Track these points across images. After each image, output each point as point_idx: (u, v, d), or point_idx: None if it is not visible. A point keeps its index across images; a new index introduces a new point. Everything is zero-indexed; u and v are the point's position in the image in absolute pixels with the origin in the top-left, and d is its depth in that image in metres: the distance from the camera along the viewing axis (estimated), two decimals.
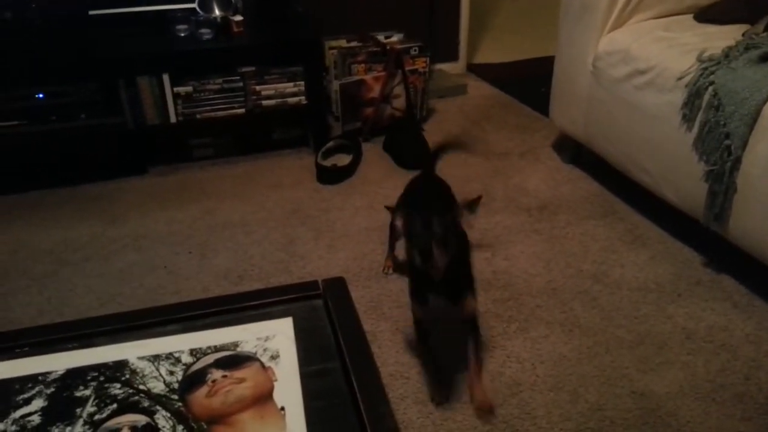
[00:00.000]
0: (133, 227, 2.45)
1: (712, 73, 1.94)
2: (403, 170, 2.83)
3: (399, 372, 1.75)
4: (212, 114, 2.77)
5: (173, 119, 2.74)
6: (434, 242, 1.37)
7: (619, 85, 2.31)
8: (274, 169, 2.84)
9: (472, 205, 1.49)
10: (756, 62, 1.88)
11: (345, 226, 2.43)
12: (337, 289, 0.95)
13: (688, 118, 2.01)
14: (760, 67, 1.86)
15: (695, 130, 1.99)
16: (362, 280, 2.12)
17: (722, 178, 1.89)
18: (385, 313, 1.97)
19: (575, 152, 2.80)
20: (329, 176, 2.73)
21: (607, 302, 1.96)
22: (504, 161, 2.88)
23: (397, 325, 1.91)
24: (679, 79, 2.03)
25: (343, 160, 2.84)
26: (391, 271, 2.13)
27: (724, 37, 2.09)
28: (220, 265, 2.20)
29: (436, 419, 1.60)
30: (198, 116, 2.76)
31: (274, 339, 0.86)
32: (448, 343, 1.75)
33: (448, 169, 2.81)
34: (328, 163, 2.81)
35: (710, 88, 1.93)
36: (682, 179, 2.07)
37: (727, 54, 1.97)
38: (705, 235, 2.06)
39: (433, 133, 3.11)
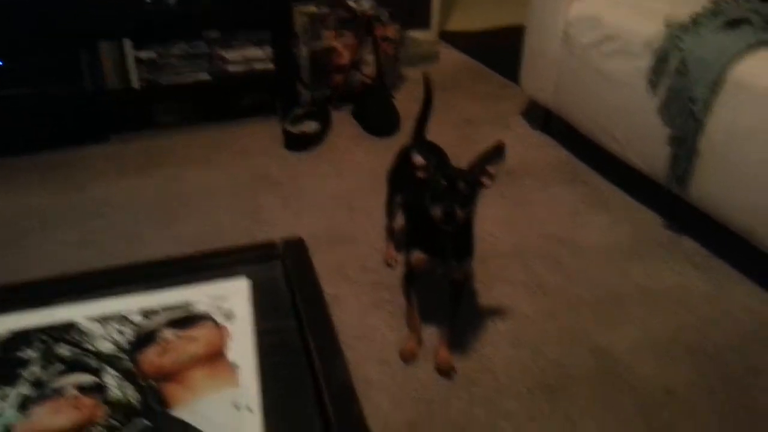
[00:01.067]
0: (95, 195, 2.40)
1: (680, 39, 1.95)
2: (373, 138, 2.82)
3: (363, 334, 1.76)
4: (176, 80, 2.71)
5: (135, 85, 2.68)
6: (459, 204, 1.37)
7: (588, 52, 2.31)
8: (240, 136, 2.80)
9: (493, 155, 1.42)
10: (722, 28, 1.89)
11: (313, 193, 2.41)
12: (295, 249, 0.95)
13: (654, 84, 2.03)
14: (726, 34, 1.87)
15: (661, 95, 2.01)
16: (328, 245, 2.12)
17: (686, 142, 1.92)
18: (351, 277, 1.98)
19: (545, 119, 2.81)
20: (297, 143, 2.70)
21: (570, 264, 2.00)
22: (474, 128, 2.88)
23: (362, 289, 1.92)
24: (647, 45, 2.04)
25: (312, 127, 2.81)
26: (395, 262, 2.00)
27: (692, 3, 2.09)
28: (184, 232, 2.17)
29: (398, 378, 1.62)
30: (162, 82, 2.70)
31: (229, 299, 0.86)
32: (428, 301, 1.74)
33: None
34: (296, 130, 2.78)
35: (677, 54, 1.94)
36: (648, 144, 2.10)
37: (695, 20, 1.98)
38: (667, 199, 2.10)
39: (403, 100, 3.08)
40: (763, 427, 1.46)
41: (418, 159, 1.48)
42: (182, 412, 0.71)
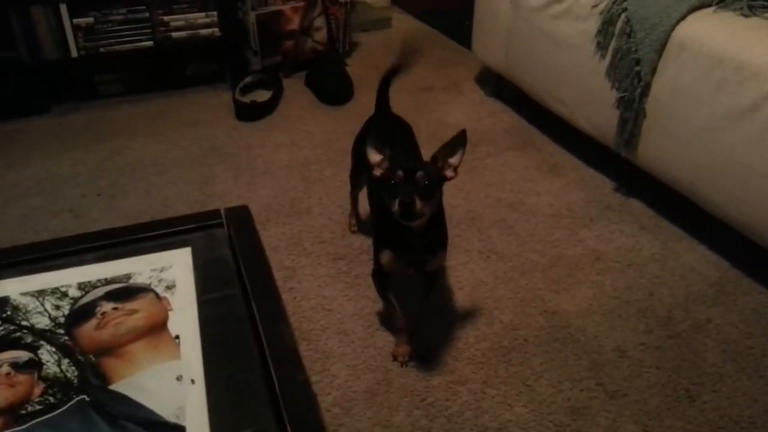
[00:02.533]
0: (35, 170, 2.29)
1: (625, 0, 1.96)
2: (326, 106, 2.77)
3: (320, 305, 1.75)
4: (118, 47, 2.60)
5: (74, 53, 2.56)
6: (418, 196, 1.27)
7: (537, 15, 2.30)
8: (188, 106, 2.71)
9: (455, 145, 1.36)
10: None
11: (265, 163, 2.36)
12: (240, 217, 0.92)
13: (601, 46, 2.04)
14: None
15: (608, 57, 2.02)
16: (283, 217, 2.08)
17: (632, 105, 1.95)
18: (307, 248, 1.95)
19: (497, 85, 2.81)
20: (248, 113, 2.63)
21: (523, 229, 2.02)
22: (427, 95, 2.86)
23: (319, 260, 1.90)
24: (594, 6, 2.05)
25: (263, 96, 2.74)
26: (356, 229, 1.99)
27: None
28: (130, 207, 2.10)
29: (357, 347, 1.62)
30: (102, 50, 2.59)
31: (171, 269, 0.83)
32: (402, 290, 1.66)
33: (372, 103, 2.77)
34: (246, 99, 2.71)
35: (623, 15, 1.95)
36: (596, 108, 2.11)
37: None
38: (616, 162, 2.13)
39: (357, 68, 3.04)
40: (707, 379, 1.52)
41: (374, 156, 1.38)
42: (123, 387, 0.68)
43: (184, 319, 0.75)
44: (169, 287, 0.80)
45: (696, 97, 1.76)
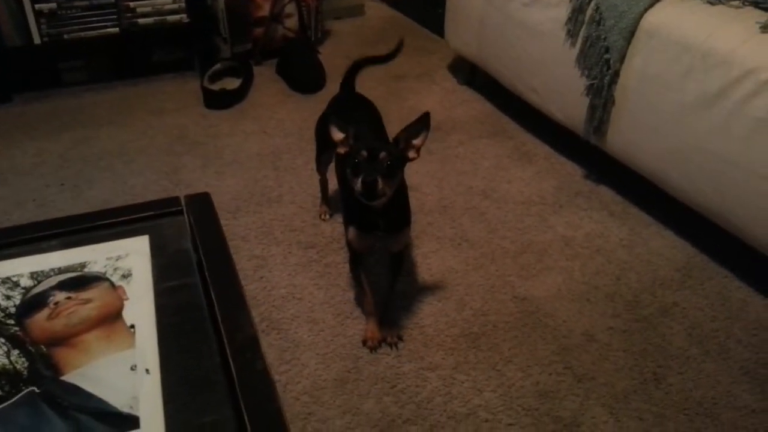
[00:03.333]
0: None
1: None
2: (298, 94, 2.74)
3: (291, 294, 1.74)
4: (82, 34, 2.53)
5: (37, 40, 2.49)
6: (381, 176, 1.29)
7: (508, 3, 2.30)
8: (155, 93, 2.66)
9: (418, 126, 1.38)
10: None
11: (235, 152, 2.33)
12: (200, 204, 0.90)
13: (571, 34, 2.05)
14: None
15: (578, 45, 2.03)
16: (253, 206, 2.06)
17: (601, 92, 1.96)
18: (277, 237, 1.93)
19: (470, 74, 2.80)
20: (217, 100, 2.59)
21: (494, 216, 2.02)
22: (400, 83, 2.84)
23: (289, 249, 1.89)
24: None
25: (232, 83, 2.70)
26: (328, 216, 1.99)
27: None
28: (96, 197, 2.06)
29: (327, 336, 1.61)
30: (66, 36, 2.52)
31: (127, 258, 0.81)
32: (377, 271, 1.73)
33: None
34: (216, 86, 2.67)
35: (592, 3, 1.96)
36: (566, 95, 2.12)
37: None
38: (586, 150, 2.14)
39: (329, 56, 3.01)
40: (672, 362, 1.54)
41: (336, 133, 1.41)
42: (75, 377, 0.67)
43: (140, 308, 0.73)
44: (125, 276, 0.78)
45: (664, 85, 1.78)
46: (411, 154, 1.40)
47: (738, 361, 1.55)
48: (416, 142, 1.39)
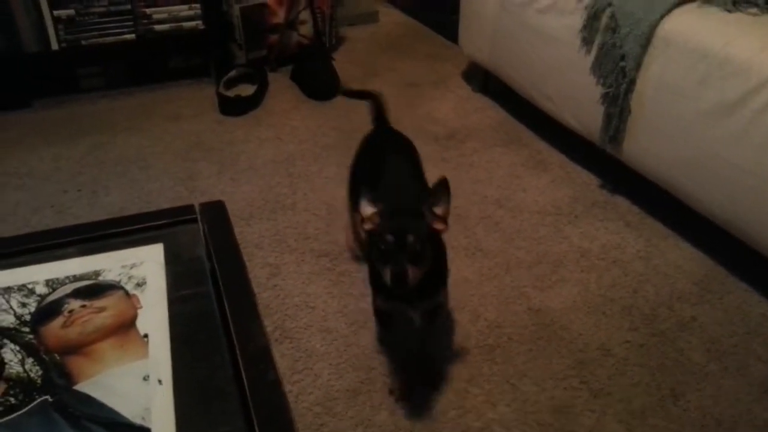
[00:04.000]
0: (15, 165, 2.25)
1: None
2: (312, 101, 2.74)
3: (304, 302, 1.73)
4: (99, 40, 2.56)
5: (55, 46, 2.51)
6: (411, 264, 1.20)
7: (523, 10, 2.29)
8: (172, 100, 2.68)
9: (437, 195, 1.27)
10: None
11: (250, 158, 2.33)
12: (214, 212, 0.90)
13: (587, 41, 2.03)
14: None
15: (593, 53, 2.01)
16: (267, 213, 2.06)
17: (617, 100, 1.94)
18: (291, 245, 1.93)
19: (484, 81, 2.79)
20: (232, 107, 2.60)
21: (509, 226, 2.00)
22: (414, 90, 2.83)
23: (303, 257, 1.88)
24: (579, 1, 2.04)
25: (248, 90, 2.71)
26: (357, 251, 1.82)
27: None
28: (113, 203, 2.07)
29: (339, 345, 1.60)
30: (83, 42, 2.54)
31: (142, 266, 0.80)
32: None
33: (357, 100, 2.75)
34: (231, 93, 2.68)
35: (608, 10, 1.94)
36: (581, 103, 2.10)
37: None
38: (602, 159, 2.12)
39: (343, 62, 3.01)
40: (691, 378, 1.51)
41: (366, 209, 1.29)
42: (88, 387, 0.66)
43: (154, 317, 0.73)
44: (139, 284, 0.78)
45: (681, 93, 1.76)
46: (438, 225, 1.28)
47: (758, 378, 1.51)
48: (439, 211, 1.28)
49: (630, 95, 1.91)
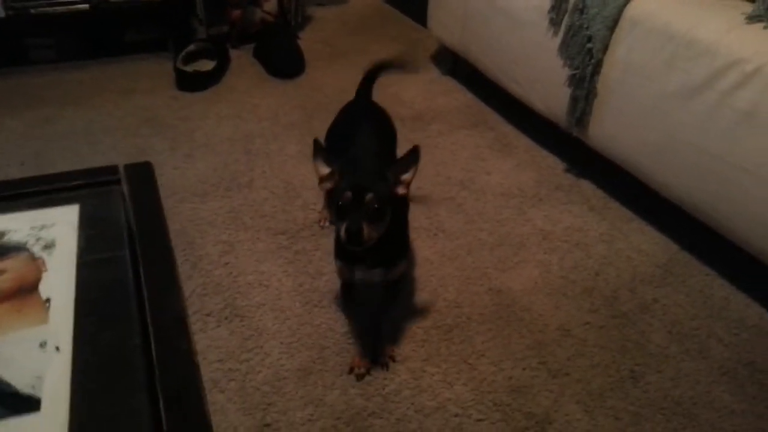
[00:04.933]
0: None
1: None
2: (275, 79, 2.65)
3: (257, 281, 1.66)
4: (50, 9, 2.43)
5: (1, 14, 2.37)
6: (367, 222, 1.17)
7: None
8: (126, 74, 2.56)
9: (408, 161, 1.26)
10: None
11: (206, 135, 2.24)
12: (140, 174, 0.82)
13: (554, 22, 1.99)
14: None
15: (561, 34, 1.97)
16: (222, 191, 1.98)
17: (584, 83, 1.90)
18: (246, 223, 1.85)
19: (453, 64, 2.74)
20: (190, 82, 2.50)
21: (472, 208, 1.95)
22: (383, 73, 2.76)
23: (258, 235, 1.81)
24: None
25: (207, 65, 2.61)
26: (327, 224, 1.82)
27: None
28: None
29: (292, 324, 1.54)
30: (32, 11, 2.41)
31: (53, 228, 0.73)
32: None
33: (324, 78, 2.68)
34: (190, 68, 2.58)
35: None
36: (548, 86, 2.06)
37: None
38: (569, 143, 2.08)
39: (309, 41, 2.93)
40: (651, 360, 1.49)
41: (322, 168, 1.27)
42: None
43: (59, 281, 0.65)
44: (48, 247, 0.70)
45: (647, 75, 1.72)
46: (400, 189, 1.27)
47: (718, 361, 1.49)
48: (405, 177, 1.27)
49: (596, 77, 1.87)
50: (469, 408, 1.36)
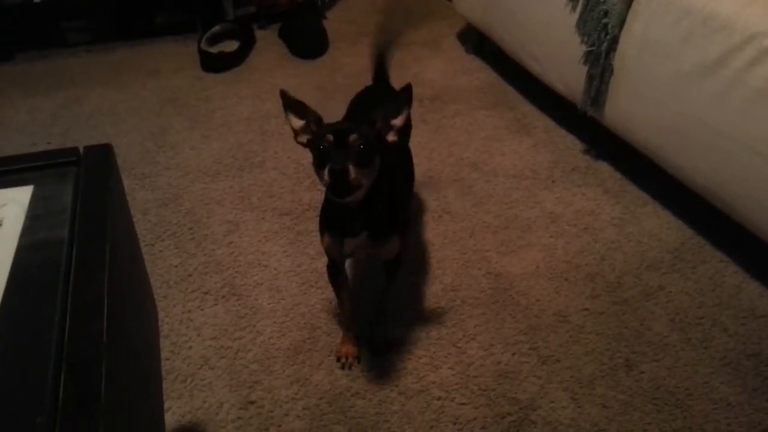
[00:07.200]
0: None
1: None
2: (297, 59, 2.67)
3: (258, 260, 1.69)
4: None
5: None
6: (353, 163, 1.05)
7: None
8: (155, 55, 2.63)
9: (398, 104, 1.14)
10: None
11: (225, 115, 2.29)
12: (98, 157, 0.85)
13: None
14: None
15: (578, 9, 1.89)
16: (234, 171, 2.02)
17: (599, 60, 1.82)
18: (253, 203, 1.89)
19: (478, 42, 2.67)
20: (214, 63, 2.54)
21: (481, 189, 1.93)
22: (406, 51, 2.72)
23: (264, 215, 1.84)
24: None
25: (232, 46, 2.65)
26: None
27: None
28: None
29: (287, 304, 1.57)
30: None
31: (3, 208, 0.77)
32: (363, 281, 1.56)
33: (346, 58, 2.67)
34: (214, 49, 2.62)
35: None
36: (565, 64, 1.99)
37: None
38: (588, 123, 2.01)
39: (336, 21, 2.92)
40: (648, 348, 1.44)
41: (294, 121, 1.16)
42: None
43: None
44: None
45: (663, 52, 1.64)
46: (390, 136, 1.15)
47: (720, 351, 1.43)
48: (395, 122, 1.14)
49: (612, 54, 1.80)
50: (452, 392, 1.36)
